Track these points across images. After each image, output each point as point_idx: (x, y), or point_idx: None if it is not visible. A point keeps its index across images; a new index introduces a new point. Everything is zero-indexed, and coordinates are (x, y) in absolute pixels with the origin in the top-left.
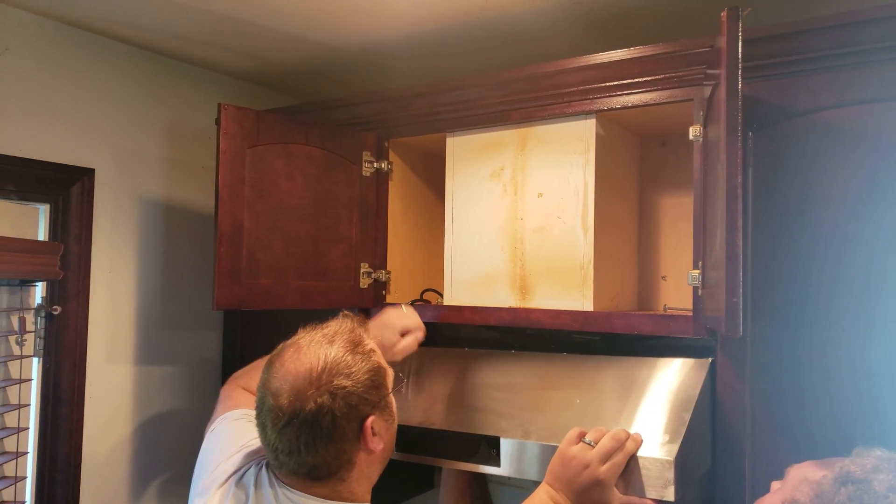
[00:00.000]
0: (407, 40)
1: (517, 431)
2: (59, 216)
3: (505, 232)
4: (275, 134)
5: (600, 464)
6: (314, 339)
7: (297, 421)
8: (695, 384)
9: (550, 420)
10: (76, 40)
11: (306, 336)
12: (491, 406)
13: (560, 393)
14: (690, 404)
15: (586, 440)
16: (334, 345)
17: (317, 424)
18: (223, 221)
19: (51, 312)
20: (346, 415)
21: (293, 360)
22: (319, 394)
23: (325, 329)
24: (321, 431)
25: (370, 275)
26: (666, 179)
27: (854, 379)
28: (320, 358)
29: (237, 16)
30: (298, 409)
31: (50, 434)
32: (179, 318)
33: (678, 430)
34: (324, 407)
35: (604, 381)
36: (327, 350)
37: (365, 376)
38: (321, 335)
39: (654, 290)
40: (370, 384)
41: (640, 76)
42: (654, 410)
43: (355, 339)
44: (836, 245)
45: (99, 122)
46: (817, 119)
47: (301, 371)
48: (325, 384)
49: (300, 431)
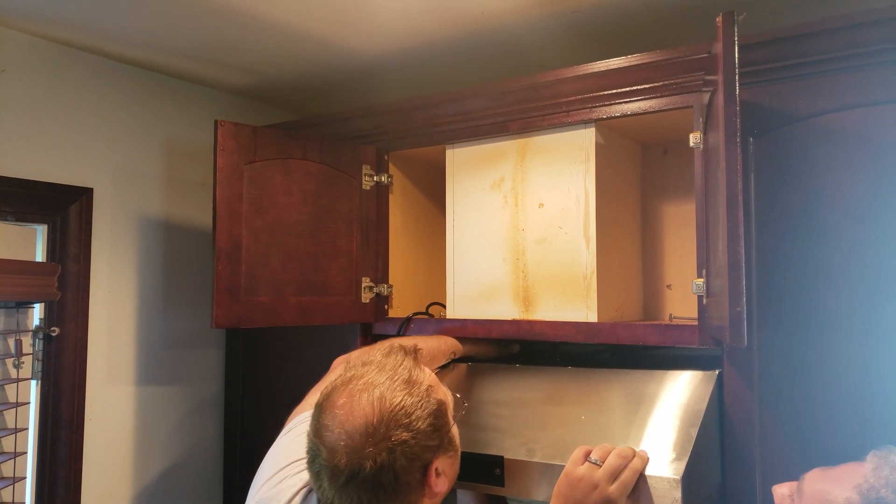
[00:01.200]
0: (404, 53)
1: (521, 451)
2: (56, 236)
3: (506, 243)
4: (272, 149)
5: (609, 483)
6: (367, 383)
7: (357, 481)
8: (702, 398)
9: (555, 438)
10: (73, 60)
11: (357, 376)
12: (494, 423)
13: (565, 409)
14: (698, 419)
15: (592, 459)
16: (388, 388)
17: (378, 484)
18: (221, 238)
19: (49, 334)
20: (408, 468)
21: (346, 410)
22: (378, 451)
23: (376, 366)
24: (384, 489)
25: (372, 289)
26: (668, 187)
27: (863, 385)
28: (375, 408)
29: (234, 32)
30: (357, 469)
31: (49, 458)
32: (180, 336)
33: (685, 446)
34: (384, 465)
35: (609, 397)
36: (382, 396)
37: (425, 423)
38: (372, 375)
39: (659, 298)
40: (431, 429)
41: (639, 84)
42: (660, 426)
43: (410, 377)
44: (842, 250)
45: (97, 141)
46: (819, 123)
47: (356, 425)
48: (383, 440)
49: (361, 491)
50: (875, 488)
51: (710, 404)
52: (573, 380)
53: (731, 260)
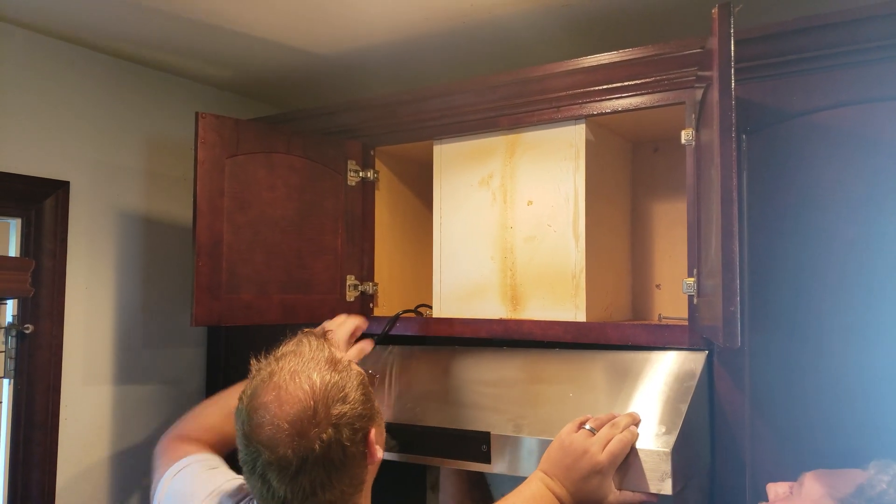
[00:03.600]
0: (390, 46)
1: (508, 426)
2: (31, 231)
3: (495, 241)
4: (255, 143)
5: (600, 451)
6: (290, 372)
7: (308, 465)
8: (692, 375)
9: (544, 414)
10: (49, 50)
11: (276, 370)
12: (481, 402)
13: (553, 387)
14: (687, 395)
15: (587, 426)
16: (314, 370)
17: (329, 461)
18: (202, 234)
19: (22, 331)
20: (353, 439)
21: (277, 402)
22: (322, 430)
23: (292, 355)
24: (334, 466)
25: (357, 287)
26: (659, 185)
27: (856, 387)
28: (307, 391)
29: (216, 23)
30: (307, 454)
31: (22, 460)
32: (160, 335)
33: (675, 421)
34: (332, 442)
35: (597, 375)
36: (310, 378)
37: (357, 392)
38: (295, 364)
39: (648, 298)
40: (364, 398)
41: (630, 79)
42: (649, 402)
43: (330, 356)
44: (835, 250)
45: (73, 133)
46: (813, 120)
47: (293, 412)
48: (325, 417)
49: (314, 474)
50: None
51: (700, 382)
52: (561, 360)
53: (726, 258)
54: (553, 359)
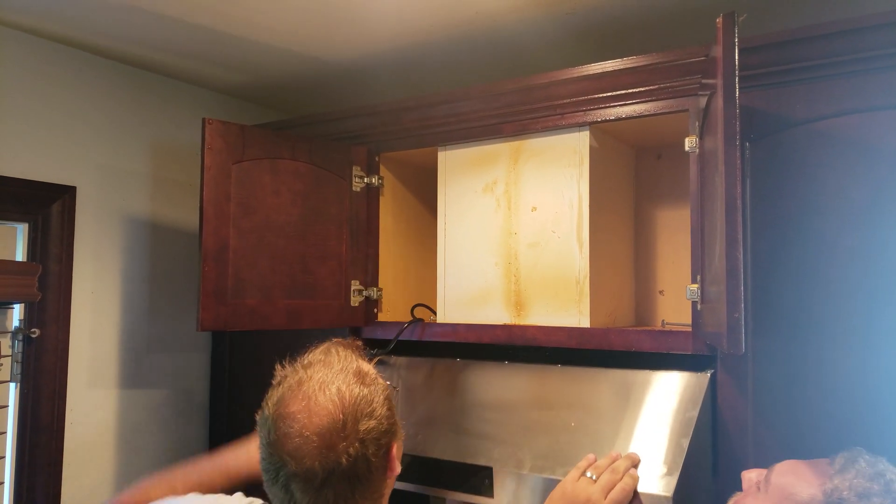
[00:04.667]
0: (396, 53)
1: (511, 461)
2: (38, 236)
3: (499, 247)
4: (261, 149)
5: (602, 498)
6: (319, 382)
7: (334, 478)
8: (694, 402)
9: (545, 447)
10: (57, 55)
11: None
12: (484, 430)
13: (555, 413)
14: (689, 428)
15: (588, 474)
16: (343, 382)
17: (354, 475)
18: (208, 240)
19: (29, 335)
20: (378, 454)
21: (306, 413)
22: (349, 444)
23: (321, 365)
24: (359, 480)
25: (361, 292)
26: (662, 192)
27: (858, 392)
28: (336, 403)
29: (223, 29)
30: (333, 467)
31: (28, 463)
32: (165, 339)
33: (676, 460)
34: (358, 457)
35: (599, 399)
36: (339, 390)
37: (384, 408)
38: (321, 375)
39: (651, 304)
40: (389, 413)
41: (634, 87)
42: (651, 436)
43: (359, 368)
44: (838, 256)
45: (81, 138)
46: (817, 128)
47: (323, 424)
48: (353, 431)
49: (339, 488)
50: (839, 489)
51: (703, 409)
52: (562, 380)
53: (730, 265)
54: (555, 378)
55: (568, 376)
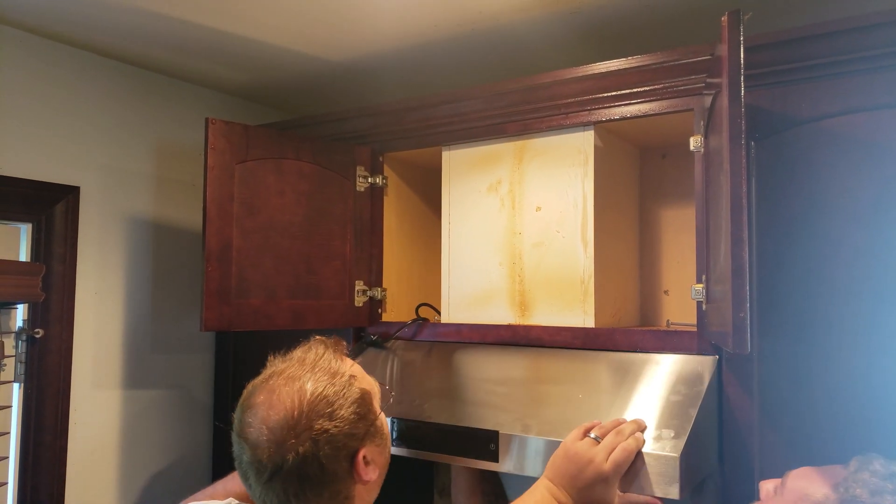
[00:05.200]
0: (399, 53)
1: (517, 426)
2: (41, 236)
3: (503, 247)
4: (265, 149)
5: (605, 460)
6: (287, 376)
7: (282, 474)
8: (701, 380)
9: (552, 415)
10: (61, 55)
11: (277, 372)
12: (490, 400)
13: (561, 388)
14: (697, 400)
15: (592, 435)
16: (309, 380)
17: (304, 475)
18: (211, 240)
19: (33, 336)
20: (334, 457)
21: (266, 405)
22: (300, 442)
23: (296, 360)
24: (310, 480)
25: (365, 293)
26: (666, 191)
27: (864, 392)
28: (295, 400)
29: (226, 29)
30: (281, 463)
31: (31, 464)
32: (169, 340)
33: (684, 426)
34: (308, 456)
35: (606, 376)
36: (302, 388)
37: (349, 411)
38: (293, 369)
39: (656, 304)
40: (355, 418)
41: (639, 86)
42: (659, 406)
43: (332, 367)
44: (843, 256)
45: (84, 139)
46: (822, 127)
47: (277, 419)
48: (305, 430)
49: (286, 484)
50: (852, 487)
51: (710, 387)
52: (569, 360)
53: (735, 265)
54: (561, 358)
55: (574, 357)
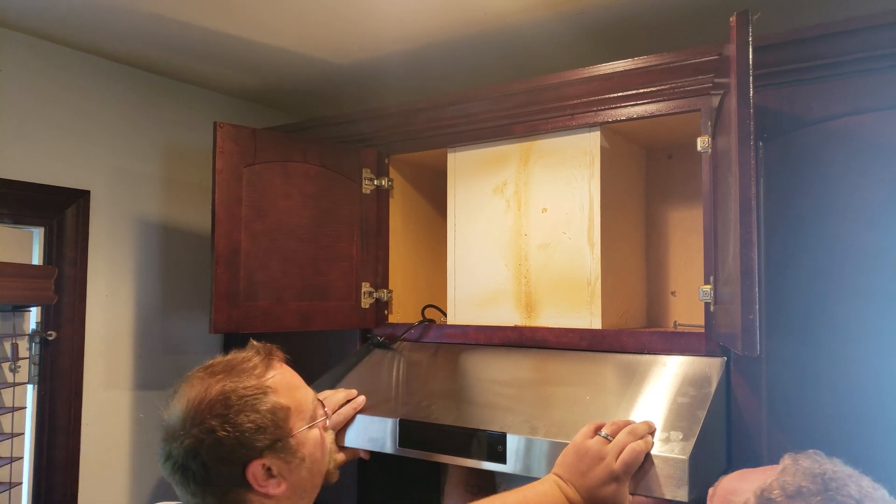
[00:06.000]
0: (406, 55)
1: (524, 427)
2: (53, 239)
3: (509, 248)
4: (272, 152)
5: (615, 459)
6: (208, 372)
7: (171, 462)
8: (709, 382)
9: (559, 417)
10: (70, 60)
11: (204, 367)
12: (496, 402)
13: (568, 389)
14: (705, 402)
15: (602, 433)
16: (221, 381)
17: (186, 468)
18: (220, 242)
19: (45, 338)
20: (219, 459)
21: (180, 395)
22: (187, 436)
23: (223, 361)
24: (192, 475)
25: (372, 294)
26: (673, 192)
27: (872, 393)
28: (196, 397)
29: (233, 33)
30: (170, 451)
31: (45, 464)
32: (178, 341)
33: (692, 428)
34: (190, 451)
35: (614, 378)
36: (208, 387)
37: (247, 419)
38: (216, 367)
39: (663, 305)
40: (253, 428)
41: (645, 87)
42: (667, 408)
43: (249, 374)
44: (852, 256)
45: (94, 143)
46: (831, 127)
47: (179, 409)
48: (195, 426)
49: (173, 472)
50: (770, 489)
51: (718, 389)
52: (575, 362)
53: (745, 267)
54: (568, 360)
55: (581, 359)
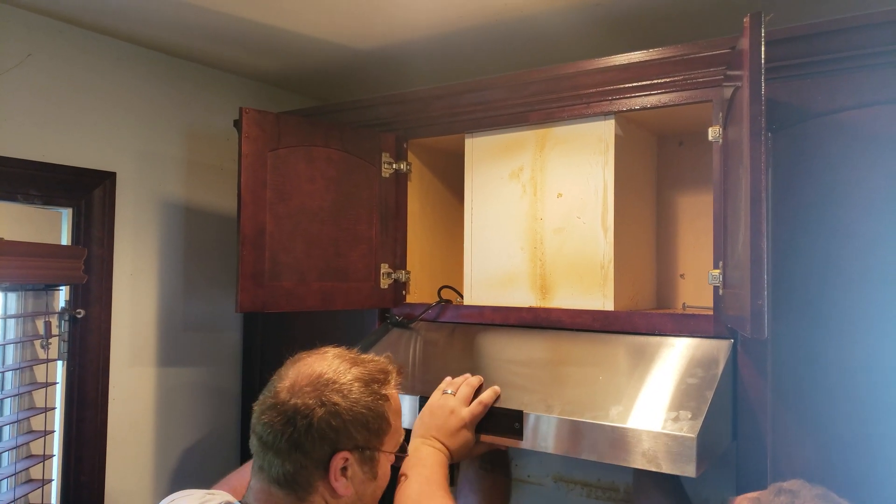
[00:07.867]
0: (426, 42)
1: (540, 406)
2: (81, 220)
3: (524, 232)
4: (296, 137)
5: (462, 408)
6: (340, 355)
7: (280, 408)
8: (717, 363)
9: (573, 395)
10: (98, 45)
11: (337, 350)
12: (513, 381)
13: (582, 369)
14: (713, 383)
15: (446, 391)
16: (352, 370)
17: (292, 421)
18: (246, 225)
19: (74, 316)
20: (322, 431)
21: (311, 362)
22: (311, 395)
23: (355, 353)
24: (293, 430)
25: (390, 275)
26: (683, 179)
27: (876, 377)
28: (331, 370)
29: (256, 18)
30: (286, 399)
31: (75, 437)
32: (200, 319)
33: (700, 407)
34: (307, 408)
35: (626, 359)
36: (344, 369)
37: (360, 409)
38: (351, 357)
39: (672, 288)
40: (362, 421)
41: (659, 77)
42: (676, 388)
43: (376, 376)
44: (856, 245)
45: (120, 125)
46: (837, 120)
47: (309, 372)
48: (320, 391)
49: (275, 419)
50: None
51: (725, 370)
52: (589, 343)
53: (754, 255)
54: (581, 341)
55: (594, 340)
